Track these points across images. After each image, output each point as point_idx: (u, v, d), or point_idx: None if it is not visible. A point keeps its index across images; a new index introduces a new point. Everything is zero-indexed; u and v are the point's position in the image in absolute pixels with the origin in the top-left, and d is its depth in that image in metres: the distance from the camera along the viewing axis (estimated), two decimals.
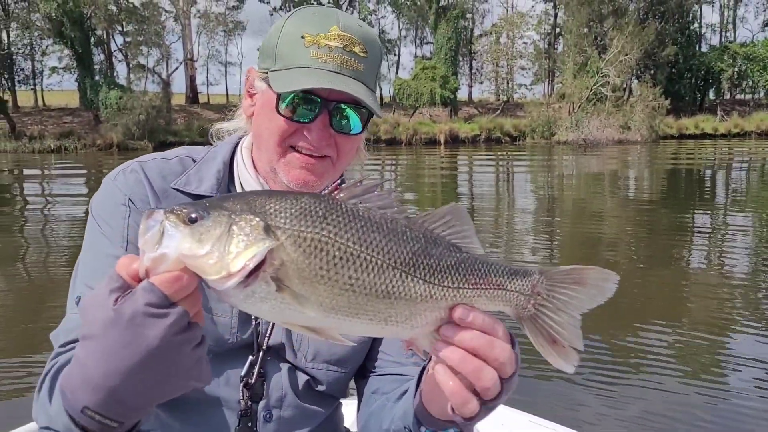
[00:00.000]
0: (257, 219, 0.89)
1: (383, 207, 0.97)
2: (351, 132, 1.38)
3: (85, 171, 28.56)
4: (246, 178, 1.47)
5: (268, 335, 1.42)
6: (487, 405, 1.01)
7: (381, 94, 66.30)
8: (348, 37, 1.34)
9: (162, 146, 31.51)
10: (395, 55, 70.59)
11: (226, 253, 0.86)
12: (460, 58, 61.97)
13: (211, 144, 1.59)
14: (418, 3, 61.13)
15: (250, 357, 1.42)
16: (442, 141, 46.48)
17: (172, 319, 0.87)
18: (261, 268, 0.88)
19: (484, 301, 0.99)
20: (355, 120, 1.37)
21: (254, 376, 1.42)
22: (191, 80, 59.34)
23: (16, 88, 54.42)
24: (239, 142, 1.56)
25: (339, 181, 1.08)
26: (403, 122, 48.52)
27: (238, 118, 1.57)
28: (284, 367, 1.47)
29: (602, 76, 49.94)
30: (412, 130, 47.14)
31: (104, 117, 43.05)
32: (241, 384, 1.41)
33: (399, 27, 69.69)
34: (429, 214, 1.00)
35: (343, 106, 1.35)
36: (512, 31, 64.07)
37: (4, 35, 50.45)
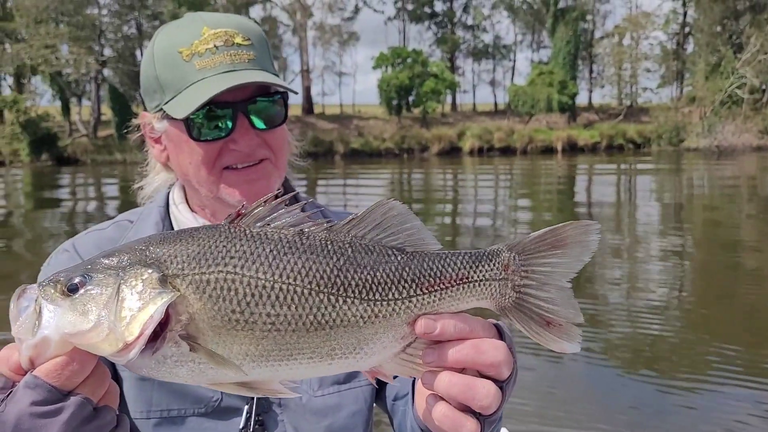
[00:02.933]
0: (149, 270, 0.80)
1: (296, 224, 0.85)
2: (276, 124, 1.31)
3: None
4: (185, 224, 1.37)
5: None
6: (489, 419, 0.89)
7: (495, 101, 65.19)
8: (223, 33, 1.26)
9: None
10: (510, 60, 69.19)
11: (118, 320, 0.77)
12: (580, 62, 60.04)
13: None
14: (535, 6, 59.74)
15: (245, 407, 1.30)
16: (560, 149, 45.41)
17: (68, 414, 0.79)
18: (166, 327, 0.80)
19: (450, 302, 0.86)
20: (273, 110, 1.31)
21: (252, 427, 1.29)
22: (307, 91, 60.86)
23: None
24: (167, 195, 1.45)
25: (240, 208, 0.86)
26: (518, 130, 47.52)
27: (154, 172, 1.46)
28: (287, 409, 1.33)
29: (738, 77, 46.95)
30: (528, 138, 46.40)
31: None
32: None
33: (515, 32, 68.24)
34: (353, 218, 0.87)
35: (257, 101, 1.28)
36: (636, 32, 60.95)
37: (138, 53, 53.62)
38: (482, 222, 16.16)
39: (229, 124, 1.27)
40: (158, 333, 0.78)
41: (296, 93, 1.33)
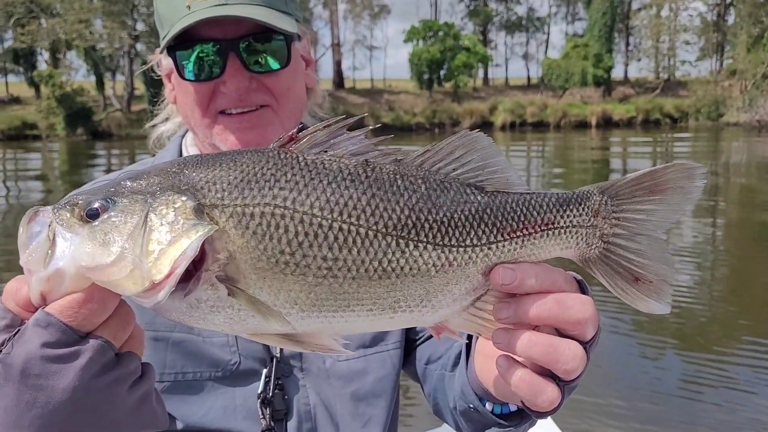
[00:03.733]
0: (183, 198, 0.70)
1: (359, 153, 0.75)
2: (274, 68, 1.21)
3: None
4: None
5: None
6: (570, 385, 0.80)
7: (528, 75, 64.27)
8: None
9: None
10: (544, 33, 67.90)
11: (144, 255, 0.67)
12: (616, 35, 58.53)
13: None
14: None
15: (264, 371, 1.24)
16: (594, 124, 44.51)
17: (85, 359, 0.69)
18: (202, 266, 0.70)
19: (532, 250, 0.77)
20: (272, 51, 1.19)
21: (271, 391, 1.23)
22: (338, 65, 60.54)
23: None
24: (181, 142, 1.38)
25: (296, 130, 0.76)
26: (552, 104, 46.64)
27: (167, 112, 1.41)
28: (309, 374, 1.27)
29: None
30: (561, 113, 45.56)
31: None
32: (258, 401, 1.22)
33: (549, 3, 66.79)
34: (429, 150, 0.77)
35: (250, 41, 1.18)
36: (675, 3, 59.14)
37: None
38: None
39: (220, 65, 1.18)
40: (191, 272, 0.69)
41: (292, 33, 1.21)
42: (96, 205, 0.68)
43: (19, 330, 0.69)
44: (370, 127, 0.75)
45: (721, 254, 10.45)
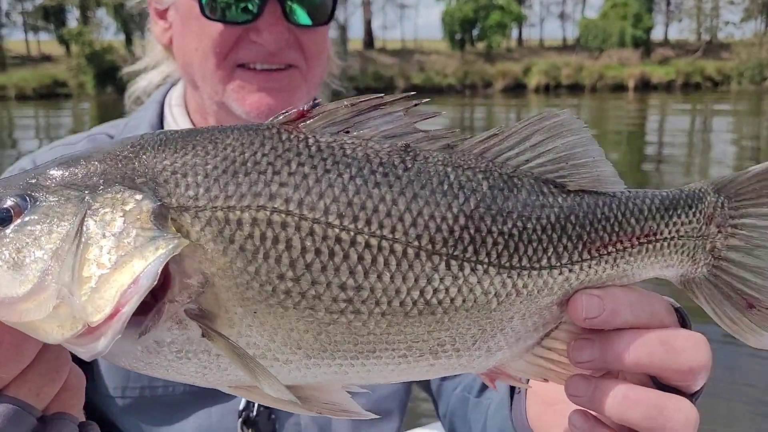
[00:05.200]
0: (138, 196, 0.50)
1: (396, 134, 0.55)
2: (319, 22, 1.04)
3: None
4: None
5: None
6: None
7: (564, 36, 62.75)
8: None
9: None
10: None
11: (77, 283, 0.48)
12: None
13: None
14: None
15: None
16: (631, 87, 43.28)
17: None
18: (164, 295, 0.51)
19: (624, 270, 0.60)
20: (318, 5, 1.02)
21: (255, 409, 1.07)
22: (368, 24, 59.66)
23: None
24: (164, 100, 1.19)
25: (311, 104, 0.56)
26: (588, 65, 45.36)
27: (150, 58, 1.20)
28: None
29: None
30: (598, 75, 44.45)
31: None
32: (240, 420, 1.07)
33: None
34: (495, 134, 0.59)
35: None
36: None
37: None
38: None
39: (256, 6, 0.95)
40: (149, 303, 0.50)
41: None
42: (7, 203, 0.49)
43: None
44: (402, 96, 0.56)
45: None
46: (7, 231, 0.48)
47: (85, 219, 0.48)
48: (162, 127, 1.13)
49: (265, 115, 1.02)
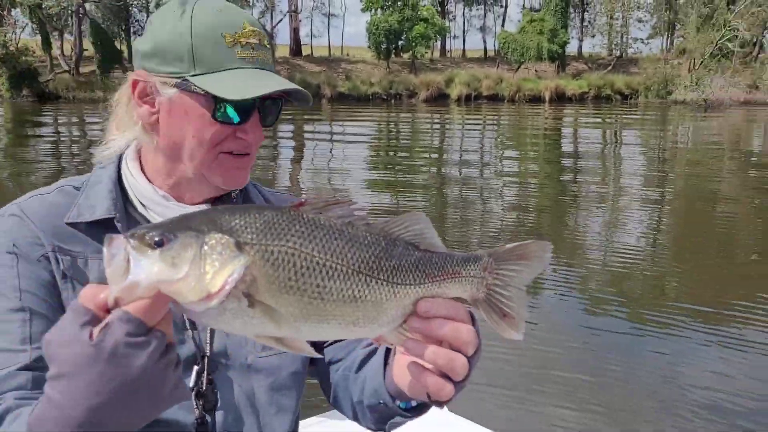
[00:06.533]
0: (226, 237, 0.92)
1: (343, 216, 1.01)
2: (271, 124, 1.45)
3: None
4: (143, 193, 1.42)
5: (209, 341, 1.40)
6: (460, 384, 1.09)
7: (485, 48, 64.30)
8: (258, 32, 1.37)
9: None
10: (501, 6, 68.11)
11: (203, 274, 0.89)
12: (572, 10, 59.22)
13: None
14: None
15: (196, 367, 1.38)
16: (547, 98, 45.21)
17: (154, 346, 0.89)
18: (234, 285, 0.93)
19: (444, 290, 1.06)
20: (275, 111, 1.44)
21: (203, 384, 1.38)
22: (295, 32, 59.70)
23: (132, 39, 56.52)
24: (119, 161, 1.47)
25: (301, 200, 1.04)
26: (507, 78, 47.12)
27: (120, 130, 1.47)
28: (234, 369, 1.44)
29: (729, 30, 46.43)
30: (516, 87, 46.13)
31: None
32: (193, 393, 1.37)
33: None
34: (388, 220, 1.06)
35: (272, 101, 1.40)
36: None
37: None
38: (469, 172, 16.27)
39: (246, 115, 1.37)
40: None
41: (309, 102, 1.46)
42: (159, 237, 0.89)
43: (107, 323, 0.88)
44: (347, 200, 1.04)
45: (667, 220, 10.96)
46: (164, 249, 0.89)
47: (202, 245, 0.90)
48: (120, 179, 1.47)
49: (232, 186, 1.47)
